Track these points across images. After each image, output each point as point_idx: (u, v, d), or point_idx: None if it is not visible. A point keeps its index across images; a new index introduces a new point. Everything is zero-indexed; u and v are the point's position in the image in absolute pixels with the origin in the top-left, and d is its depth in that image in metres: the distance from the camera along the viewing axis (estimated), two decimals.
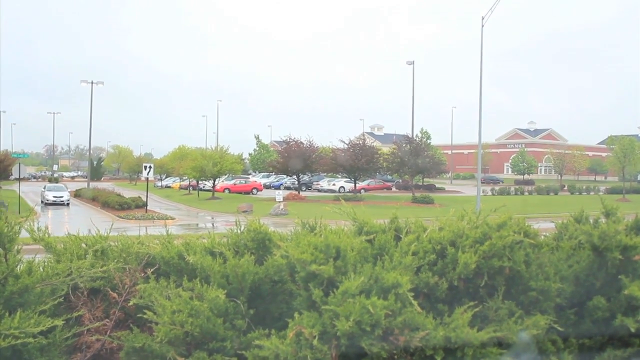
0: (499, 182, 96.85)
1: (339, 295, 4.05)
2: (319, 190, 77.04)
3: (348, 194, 67.29)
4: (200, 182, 72.04)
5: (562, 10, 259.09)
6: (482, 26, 46.52)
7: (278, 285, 4.66)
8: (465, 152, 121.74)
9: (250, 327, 4.39)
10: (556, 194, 78.67)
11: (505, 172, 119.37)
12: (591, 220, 5.39)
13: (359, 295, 4.05)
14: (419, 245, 4.67)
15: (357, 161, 63.56)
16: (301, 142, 68.55)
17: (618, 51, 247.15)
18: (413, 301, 4.14)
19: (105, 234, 5.65)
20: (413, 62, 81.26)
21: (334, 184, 77.78)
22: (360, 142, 67.91)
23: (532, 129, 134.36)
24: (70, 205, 57.56)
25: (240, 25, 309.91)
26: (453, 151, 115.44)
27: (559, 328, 4.51)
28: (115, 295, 4.94)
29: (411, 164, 65.94)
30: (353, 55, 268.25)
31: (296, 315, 4.14)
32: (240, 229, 5.14)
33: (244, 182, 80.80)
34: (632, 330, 4.55)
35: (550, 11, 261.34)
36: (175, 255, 4.96)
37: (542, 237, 5.46)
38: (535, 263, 4.75)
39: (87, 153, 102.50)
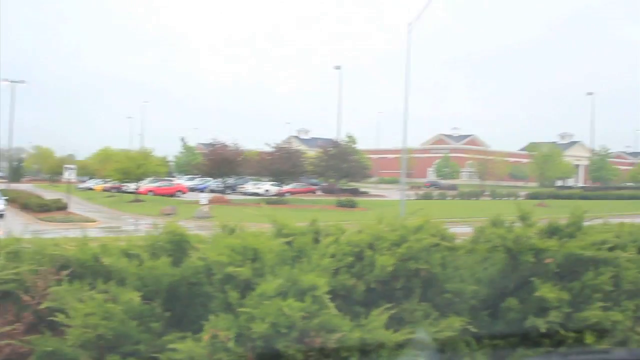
0: (455, 188, 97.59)
1: (256, 297, 4.05)
2: (244, 194, 76.74)
3: (273, 197, 67.34)
4: (123, 184, 71.00)
5: (488, 25, 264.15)
6: (409, 32, 47.11)
7: (195, 288, 4.60)
8: (390, 156, 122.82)
9: (166, 330, 4.34)
10: (478, 198, 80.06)
11: (428, 177, 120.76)
12: (507, 224, 5.49)
13: (276, 297, 4.05)
14: (337, 247, 4.69)
15: (283, 164, 63.70)
16: (227, 145, 68.27)
17: (538, 66, 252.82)
18: (330, 303, 4.16)
19: (19, 236, 5.51)
20: (340, 67, 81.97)
21: (259, 187, 77.54)
22: (286, 146, 68.10)
23: (456, 135, 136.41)
24: None
25: (166, 26, 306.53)
26: (378, 156, 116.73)
27: (473, 329, 4.59)
28: (28, 298, 4.81)
29: (336, 168, 66.41)
30: (281, 59, 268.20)
31: (212, 317, 4.12)
32: (158, 231, 5.08)
33: (168, 184, 79.97)
34: (543, 330, 4.67)
35: (477, 24, 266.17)
36: (90, 257, 4.85)
37: (460, 240, 5.55)
38: (452, 266, 4.83)
39: (7, 154, 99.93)
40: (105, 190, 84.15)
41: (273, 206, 49.17)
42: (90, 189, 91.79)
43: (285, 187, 73.10)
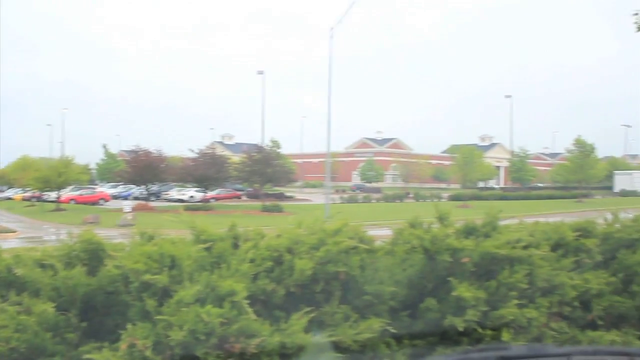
0: (379, 191, 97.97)
1: (173, 305, 4.01)
2: (168, 200, 75.90)
3: (198, 203, 66.82)
4: (44, 193, 69.46)
5: (406, 25, 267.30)
6: (331, 37, 47.41)
7: (112, 297, 4.53)
8: (315, 160, 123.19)
9: (82, 341, 4.26)
10: (402, 201, 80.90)
11: (353, 181, 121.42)
12: (425, 225, 5.56)
13: (194, 304, 4.02)
14: (256, 252, 4.68)
15: (207, 170, 63.27)
16: (150, 152, 67.37)
17: (459, 70, 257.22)
18: (248, 308, 4.15)
19: None
20: (262, 72, 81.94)
21: (183, 194, 76.82)
22: (210, 151, 67.66)
23: (379, 138, 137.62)
24: None
25: (78, 33, 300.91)
26: (303, 160, 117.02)
27: (393, 330, 4.63)
28: None
29: (261, 173, 66.23)
30: (205, 64, 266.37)
31: (130, 326, 4.06)
32: (72, 240, 4.98)
33: (90, 192, 78.64)
34: (461, 329, 4.74)
35: (396, 27, 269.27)
36: (3, 268, 4.73)
37: (380, 242, 5.60)
38: (371, 268, 4.86)
39: None
40: (25, 199, 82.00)
41: (198, 212, 48.89)
42: (10, 198, 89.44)
43: (210, 193, 72.69)
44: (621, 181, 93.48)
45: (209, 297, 4.16)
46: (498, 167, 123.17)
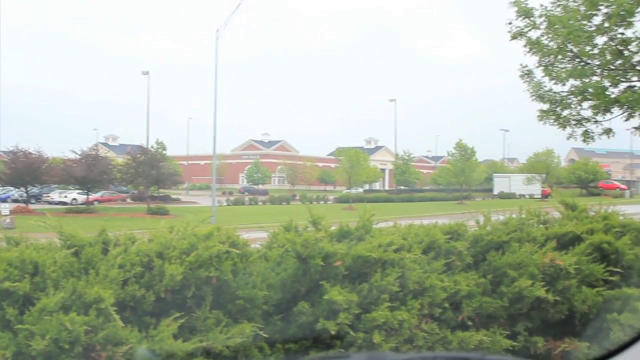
0: (266, 193, 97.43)
1: (36, 313, 3.88)
2: (49, 203, 73.60)
3: (81, 205, 65.07)
4: None
5: (293, 30, 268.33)
6: (217, 39, 47.11)
7: None
8: (202, 162, 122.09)
9: None
10: (288, 203, 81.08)
11: (240, 183, 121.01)
12: (300, 229, 5.58)
13: (58, 312, 3.90)
14: (126, 257, 4.58)
15: (90, 172, 61.66)
16: (30, 153, 65.17)
17: (345, 74, 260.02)
18: (115, 315, 4.06)
19: None
20: (148, 72, 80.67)
21: (65, 196, 74.60)
22: (94, 153, 66.01)
23: (266, 141, 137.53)
24: None
25: None
26: (189, 162, 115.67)
27: (265, 335, 4.62)
28: None
29: (146, 175, 65.10)
30: (87, 64, 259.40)
31: None
32: None
33: None
34: (333, 332, 4.78)
35: (282, 31, 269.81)
36: None
37: (258, 245, 5.59)
38: (243, 272, 4.84)
39: None
40: None
41: (81, 215, 47.61)
42: None
43: (93, 196, 70.90)
44: (500, 184, 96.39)
45: (74, 304, 4.05)
46: (383, 170, 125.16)
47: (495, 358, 3.24)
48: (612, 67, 16.57)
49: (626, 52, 16.26)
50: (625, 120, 16.90)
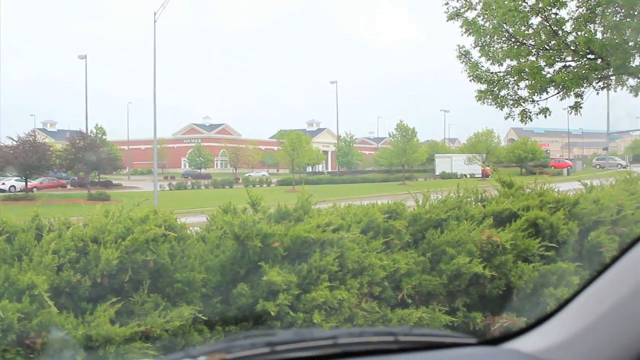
0: (209, 177, 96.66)
1: None
2: None
3: (19, 193, 63.92)
4: None
5: (233, 12, 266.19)
6: (155, 22, 46.59)
7: None
8: (143, 147, 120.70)
9: None
10: (231, 187, 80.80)
11: (182, 167, 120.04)
12: (239, 211, 5.56)
13: None
14: (60, 243, 4.52)
15: (28, 159, 60.57)
16: None
17: (280, 53, 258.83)
18: (50, 302, 4.00)
19: None
20: (85, 56, 79.40)
21: (3, 183, 73.25)
22: (31, 139, 64.81)
23: (207, 124, 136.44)
24: None
25: None
26: (130, 147, 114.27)
27: (204, 317, 4.60)
28: None
29: (86, 161, 64.28)
30: (21, 49, 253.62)
31: None
32: None
33: None
34: (273, 313, 4.78)
35: (222, 13, 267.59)
36: None
37: (197, 229, 5.55)
38: (181, 255, 4.81)
39: None
40: None
41: (20, 202, 46.79)
42: None
43: (32, 182, 69.70)
44: (441, 164, 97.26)
45: (7, 291, 3.98)
46: (326, 152, 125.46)
47: (422, 332, 3.28)
48: (547, 47, 16.85)
49: (560, 32, 16.53)
50: (561, 100, 17.22)
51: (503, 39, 17.21)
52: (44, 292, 4.01)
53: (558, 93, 17.02)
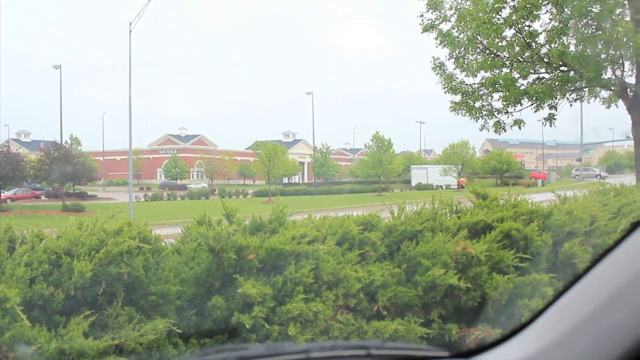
0: (185, 188, 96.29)
1: None
2: None
3: None
4: None
5: (207, 24, 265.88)
6: (130, 32, 46.47)
7: None
8: (118, 158, 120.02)
9: None
10: (207, 198, 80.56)
11: (158, 178, 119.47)
12: (214, 223, 5.54)
13: None
14: (33, 255, 4.48)
15: (2, 169, 60.05)
16: None
17: (256, 64, 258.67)
18: (22, 315, 3.97)
19: None
20: (60, 66, 78.87)
21: None
22: (5, 150, 64.27)
23: (183, 135, 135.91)
24: None
25: None
26: (105, 157, 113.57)
27: (179, 330, 4.58)
28: None
29: (60, 172, 63.83)
30: None
31: None
32: None
33: None
34: (248, 326, 4.76)
35: (197, 25, 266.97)
36: None
37: (172, 241, 5.53)
38: (156, 267, 4.79)
39: None
40: None
41: None
42: None
43: (6, 193, 69.10)
44: (417, 175, 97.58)
45: None
46: (302, 163, 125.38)
47: (395, 345, 3.29)
48: (521, 59, 17.00)
49: (534, 45, 16.69)
50: (535, 112, 17.39)
51: (477, 50, 17.36)
52: (17, 306, 3.97)
53: (532, 105, 17.18)
